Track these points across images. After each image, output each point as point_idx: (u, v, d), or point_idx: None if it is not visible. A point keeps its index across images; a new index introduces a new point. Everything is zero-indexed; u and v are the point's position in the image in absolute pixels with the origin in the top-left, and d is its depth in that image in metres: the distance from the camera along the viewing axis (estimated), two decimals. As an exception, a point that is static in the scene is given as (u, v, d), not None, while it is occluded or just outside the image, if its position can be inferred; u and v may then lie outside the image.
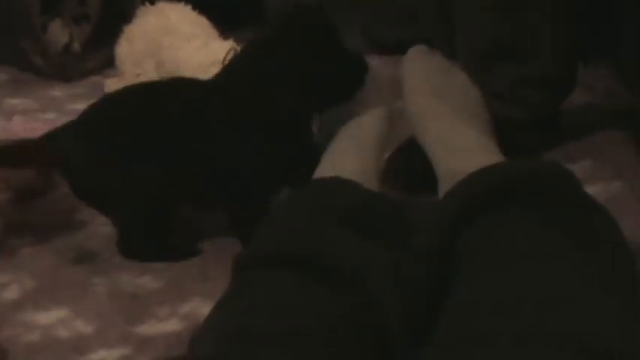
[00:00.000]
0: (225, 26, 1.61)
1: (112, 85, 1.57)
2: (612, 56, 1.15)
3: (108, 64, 1.68)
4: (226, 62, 1.37)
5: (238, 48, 1.43)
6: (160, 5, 1.58)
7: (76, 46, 1.77)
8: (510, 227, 0.66)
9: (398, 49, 1.65)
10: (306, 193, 0.77)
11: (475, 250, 0.65)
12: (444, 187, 0.81)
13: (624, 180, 1.03)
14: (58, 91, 1.63)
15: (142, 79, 1.55)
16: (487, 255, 0.64)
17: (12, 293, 0.93)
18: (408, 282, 0.66)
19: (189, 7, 1.57)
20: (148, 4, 1.61)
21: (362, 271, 0.65)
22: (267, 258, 0.69)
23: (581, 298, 0.57)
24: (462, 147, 0.84)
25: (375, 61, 1.63)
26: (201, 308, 0.86)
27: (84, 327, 0.86)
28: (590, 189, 1.00)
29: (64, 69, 1.69)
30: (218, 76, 0.96)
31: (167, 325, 0.85)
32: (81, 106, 1.51)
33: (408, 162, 1.04)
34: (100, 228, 1.04)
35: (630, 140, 1.14)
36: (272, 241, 0.71)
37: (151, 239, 0.97)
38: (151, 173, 0.92)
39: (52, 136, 0.95)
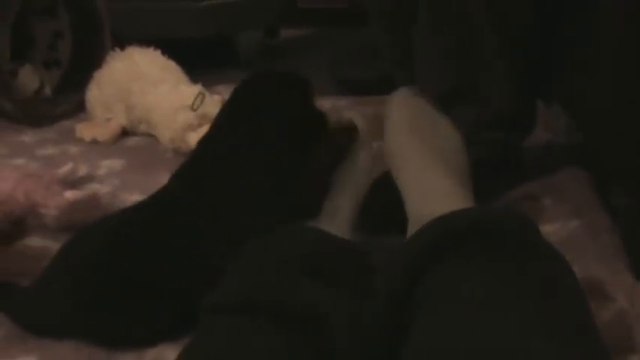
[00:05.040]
0: (196, 69, 1.63)
1: (83, 129, 1.58)
2: (564, 96, 1.18)
3: (79, 108, 1.69)
4: (195, 107, 1.41)
5: (206, 92, 1.45)
6: (129, 50, 1.60)
7: (47, 90, 1.78)
8: (466, 275, 0.67)
9: (363, 88, 1.71)
10: (270, 241, 0.79)
11: (431, 297, 0.66)
12: (412, 229, 0.82)
13: (582, 218, 1.05)
14: (27, 137, 1.62)
15: (112, 123, 1.57)
16: (440, 303, 0.65)
17: None
18: (367, 329, 0.67)
19: (158, 52, 1.59)
20: (117, 49, 1.63)
21: (321, 319, 0.66)
22: (230, 305, 0.70)
23: (530, 350, 0.58)
24: (433, 191, 0.84)
25: (342, 102, 1.67)
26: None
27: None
28: (549, 227, 1.03)
29: (34, 114, 1.70)
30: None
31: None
32: (51, 151, 1.53)
33: (380, 203, 1.05)
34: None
35: (589, 178, 1.17)
36: (235, 289, 0.72)
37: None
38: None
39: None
